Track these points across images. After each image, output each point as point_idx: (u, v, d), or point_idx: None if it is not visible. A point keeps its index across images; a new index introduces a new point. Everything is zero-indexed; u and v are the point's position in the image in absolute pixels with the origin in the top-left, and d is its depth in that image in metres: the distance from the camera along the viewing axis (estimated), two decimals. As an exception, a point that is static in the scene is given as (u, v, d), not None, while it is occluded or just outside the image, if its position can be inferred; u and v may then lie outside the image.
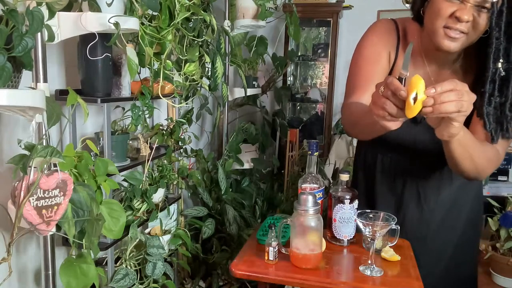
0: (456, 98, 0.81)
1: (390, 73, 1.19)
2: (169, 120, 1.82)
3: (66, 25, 1.04)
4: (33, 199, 0.87)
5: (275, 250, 1.09)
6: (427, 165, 1.24)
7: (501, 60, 0.97)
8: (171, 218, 1.81)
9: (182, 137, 1.85)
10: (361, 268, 1.07)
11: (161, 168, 1.74)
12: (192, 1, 1.38)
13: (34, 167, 0.87)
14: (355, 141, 2.53)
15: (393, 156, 1.28)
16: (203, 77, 1.82)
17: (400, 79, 0.83)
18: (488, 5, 0.95)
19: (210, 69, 1.88)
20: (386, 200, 1.30)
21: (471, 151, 1.00)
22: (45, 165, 0.88)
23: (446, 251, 1.28)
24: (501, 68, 0.97)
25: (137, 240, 1.49)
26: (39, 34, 0.94)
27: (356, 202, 1.19)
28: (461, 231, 1.28)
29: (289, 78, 3.05)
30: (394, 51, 1.18)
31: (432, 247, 1.26)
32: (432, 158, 1.20)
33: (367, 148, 1.35)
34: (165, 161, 1.79)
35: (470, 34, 1.00)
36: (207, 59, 1.65)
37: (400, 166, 1.27)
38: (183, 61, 1.50)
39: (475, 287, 1.36)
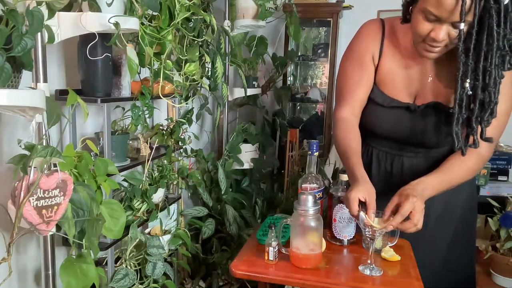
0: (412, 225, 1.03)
1: (376, 71, 1.25)
2: (169, 120, 1.82)
3: (66, 25, 1.04)
4: (33, 199, 0.87)
5: (275, 250, 1.09)
6: (424, 156, 1.26)
7: (468, 80, 1.03)
8: (171, 218, 1.81)
9: (182, 137, 1.85)
10: (360, 267, 1.07)
11: (161, 168, 1.74)
12: (192, 1, 1.38)
13: (34, 167, 0.87)
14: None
15: (388, 150, 1.30)
16: (203, 77, 1.82)
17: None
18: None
19: (210, 69, 1.88)
20: (382, 196, 1.31)
21: (448, 185, 1.14)
22: (45, 165, 0.88)
23: (441, 250, 1.28)
24: (468, 87, 1.03)
25: (137, 240, 1.49)
26: (39, 34, 0.94)
27: (356, 202, 1.19)
28: (455, 226, 1.28)
29: (289, 78, 3.05)
30: (377, 51, 1.23)
31: (429, 244, 1.26)
32: (428, 147, 1.24)
33: (362, 144, 1.36)
34: (165, 161, 1.79)
35: (447, 45, 1.06)
36: (207, 59, 1.65)
37: (396, 161, 1.28)
38: (183, 61, 1.50)
39: (473, 286, 1.36)
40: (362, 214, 1.04)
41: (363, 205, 1.06)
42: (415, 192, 1.04)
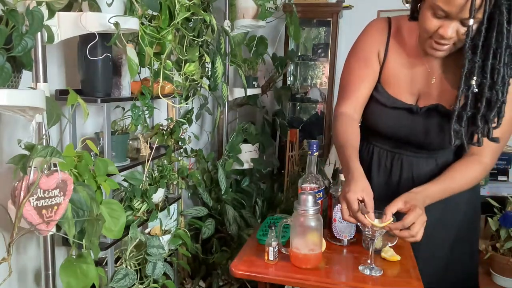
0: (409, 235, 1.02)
1: (381, 70, 1.23)
2: (169, 120, 1.82)
3: (66, 25, 1.04)
4: (33, 199, 0.87)
5: (275, 250, 1.09)
6: (423, 156, 1.26)
7: (474, 78, 1.01)
8: (171, 218, 1.81)
9: (182, 137, 1.85)
10: (360, 267, 1.07)
11: (161, 168, 1.74)
12: (192, 1, 1.38)
13: (34, 167, 0.87)
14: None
15: (389, 148, 1.30)
16: (203, 77, 1.82)
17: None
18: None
19: (210, 69, 1.88)
20: (382, 194, 1.31)
21: (449, 194, 1.15)
22: (45, 165, 0.88)
23: (442, 250, 1.28)
24: (474, 85, 1.01)
25: (137, 240, 1.49)
26: (39, 34, 0.94)
27: (356, 202, 1.19)
28: (457, 229, 1.28)
29: (289, 78, 3.05)
30: (383, 49, 1.23)
31: (428, 244, 1.26)
32: (428, 149, 1.24)
33: (363, 143, 1.36)
34: (165, 161, 1.79)
35: (456, 44, 1.05)
36: (207, 59, 1.65)
37: (396, 159, 1.28)
38: (183, 61, 1.50)
39: (476, 286, 1.36)
40: (360, 214, 1.03)
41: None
42: (419, 202, 1.04)
